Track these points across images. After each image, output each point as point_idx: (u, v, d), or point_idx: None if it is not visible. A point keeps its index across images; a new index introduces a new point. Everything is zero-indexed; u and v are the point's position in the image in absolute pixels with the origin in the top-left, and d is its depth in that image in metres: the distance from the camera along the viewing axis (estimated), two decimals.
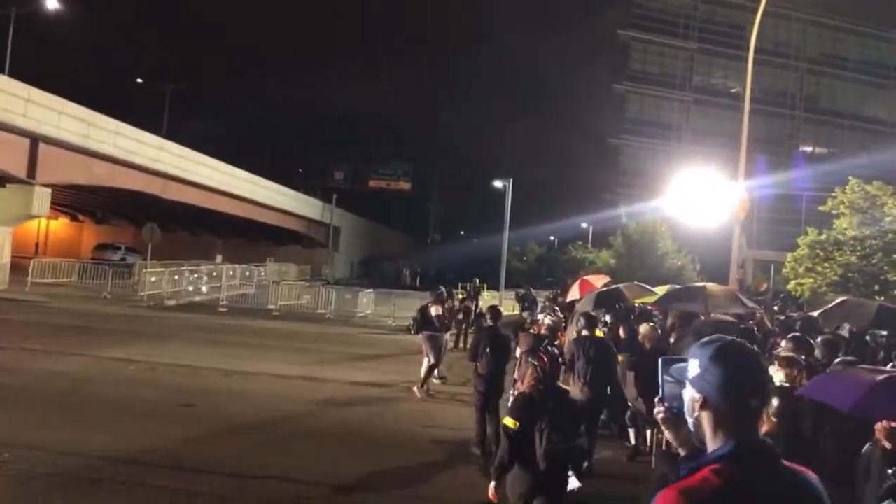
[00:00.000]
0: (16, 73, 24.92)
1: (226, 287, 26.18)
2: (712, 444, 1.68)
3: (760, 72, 29.15)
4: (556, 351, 6.99)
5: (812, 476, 1.69)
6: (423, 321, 11.52)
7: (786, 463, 1.67)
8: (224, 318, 20.56)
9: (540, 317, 10.76)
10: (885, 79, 46.55)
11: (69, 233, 50.33)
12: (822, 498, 1.66)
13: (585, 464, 5.34)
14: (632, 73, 46.62)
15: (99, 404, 8.78)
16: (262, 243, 48.93)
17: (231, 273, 29.63)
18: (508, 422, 4.50)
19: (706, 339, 1.81)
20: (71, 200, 40.32)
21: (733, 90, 42.15)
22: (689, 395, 1.76)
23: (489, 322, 8.71)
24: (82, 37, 60.72)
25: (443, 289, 13.51)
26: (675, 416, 2.09)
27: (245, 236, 48.84)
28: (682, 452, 1.96)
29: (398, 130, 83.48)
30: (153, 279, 24.41)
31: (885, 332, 8.49)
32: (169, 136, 36.03)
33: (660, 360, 2.31)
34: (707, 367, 1.70)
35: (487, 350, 7.99)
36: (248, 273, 32.82)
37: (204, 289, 26.66)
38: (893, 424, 2.09)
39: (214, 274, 28.49)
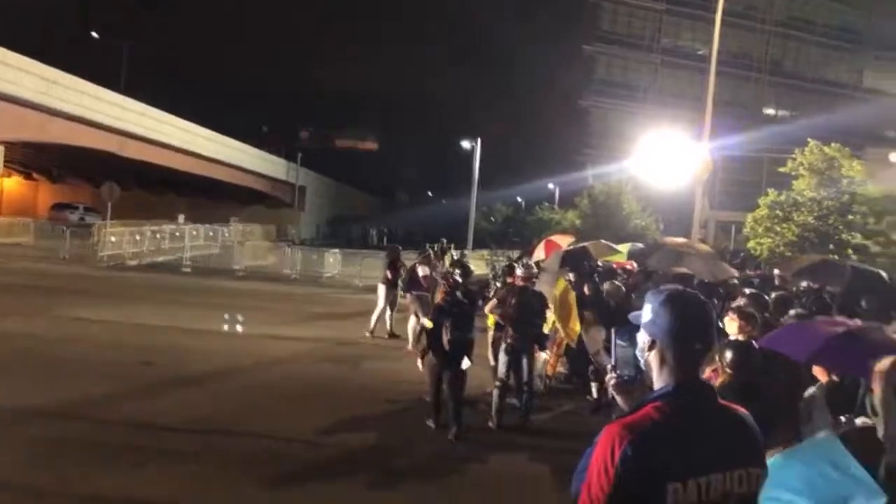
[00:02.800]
0: None
1: (189, 247, 25.78)
2: (658, 383, 1.79)
3: (728, 34, 29.23)
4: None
5: (745, 413, 1.81)
6: (410, 281, 11.58)
7: (722, 401, 1.80)
8: (188, 279, 20.31)
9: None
10: (848, 42, 47.15)
11: (23, 192, 48.76)
12: (754, 432, 1.78)
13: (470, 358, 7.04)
14: (600, 34, 46.33)
15: (60, 364, 8.65)
16: (225, 203, 48.11)
17: (194, 233, 29.13)
18: (427, 323, 7.10)
19: (660, 288, 1.91)
20: (25, 158, 39.00)
21: (700, 52, 42.28)
22: (642, 338, 1.87)
23: (458, 279, 8.71)
24: None
25: (430, 248, 13.52)
26: (626, 383, 2.21)
27: (208, 196, 47.94)
28: None
29: (365, 90, 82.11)
30: (113, 239, 23.89)
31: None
32: (128, 95, 34.92)
33: (612, 329, 2.40)
34: (657, 312, 1.81)
35: (455, 309, 8.03)
36: (211, 233, 32.31)
37: (166, 248, 26.23)
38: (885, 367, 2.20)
39: (177, 234, 27.99)
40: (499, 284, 11.34)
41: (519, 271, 8.11)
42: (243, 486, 5.32)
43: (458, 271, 8.49)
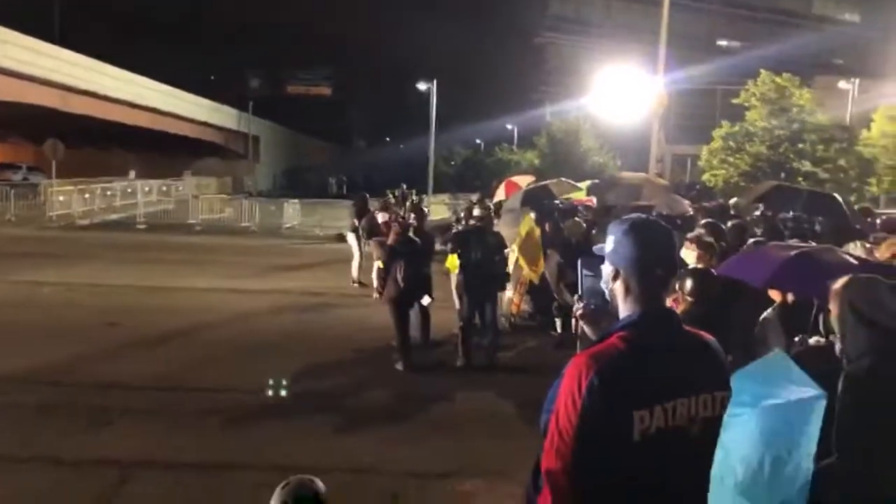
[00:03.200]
0: None
1: (142, 203, 25.08)
2: (623, 312, 1.80)
3: None
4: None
5: (710, 338, 1.83)
6: (370, 228, 11.43)
7: (687, 328, 1.81)
8: (143, 235, 19.81)
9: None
10: None
11: None
12: (718, 356, 1.81)
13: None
14: None
15: (16, 329, 8.42)
16: (178, 157, 46.74)
17: (147, 189, 28.28)
18: (380, 263, 7.70)
19: (622, 217, 1.89)
20: None
21: None
22: (606, 268, 1.86)
23: (413, 222, 8.66)
24: None
25: (389, 194, 13.33)
26: (593, 312, 2.21)
27: (159, 150, 46.45)
28: None
29: (315, 32, 79.40)
30: (62, 198, 23.06)
31: (791, 215, 9.04)
32: (66, 46, 33.15)
33: (579, 260, 2.39)
34: (619, 241, 1.80)
35: (410, 251, 8.03)
36: (165, 188, 31.44)
37: (118, 206, 25.45)
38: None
39: (129, 190, 27.17)
40: (460, 227, 11.34)
41: (476, 212, 8.11)
42: (210, 438, 5.31)
43: (412, 215, 8.55)
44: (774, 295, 3.80)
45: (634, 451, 1.61)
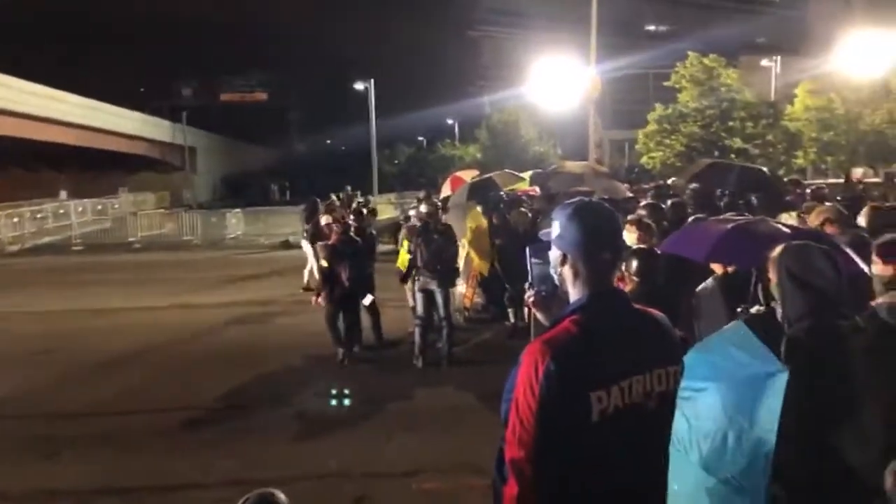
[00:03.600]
0: None
1: (77, 224, 24.14)
2: (573, 296, 1.81)
3: None
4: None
5: (660, 314, 1.86)
6: (314, 233, 11.27)
7: (636, 306, 1.84)
8: (80, 257, 19.09)
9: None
10: None
11: None
12: (669, 331, 1.85)
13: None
14: None
15: None
16: (111, 173, 45.16)
17: (81, 209, 27.20)
18: (324, 262, 7.58)
19: (567, 202, 1.90)
20: None
21: None
22: (553, 254, 1.87)
23: (354, 223, 8.66)
24: None
25: (333, 197, 13.19)
26: (544, 299, 2.22)
27: (91, 167, 44.80)
28: None
29: (246, 37, 77.83)
30: None
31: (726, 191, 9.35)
32: None
33: (527, 248, 2.40)
34: (565, 226, 1.81)
35: (354, 251, 8.00)
36: (100, 207, 30.31)
37: (51, 228, 24.44)
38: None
39: (62, 211, 26.08)
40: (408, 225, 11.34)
41: (422, 208, 8.12)
42: (165, 459, 5.16)
43: (352, 217, 8.61)
44: (717, 268, 3.92)
45: (594, 431, 1.63)
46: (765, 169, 10.35)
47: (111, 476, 4.90)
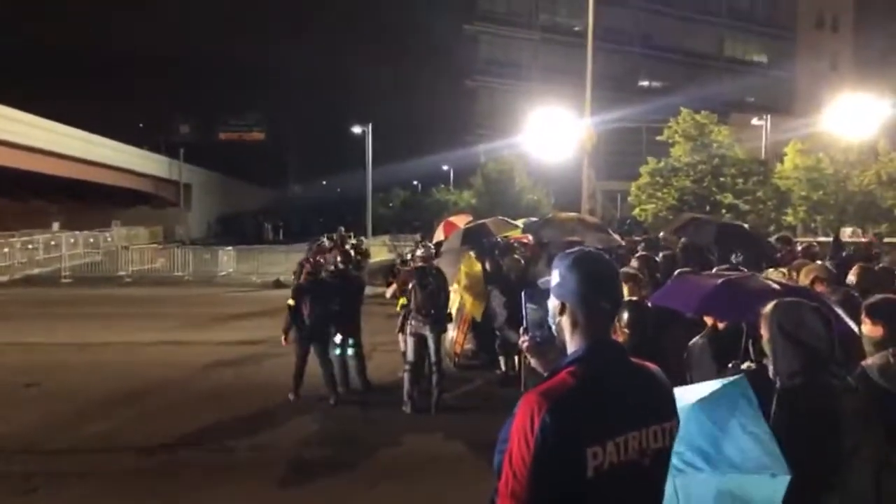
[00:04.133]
0: None
1: (67, 256, 24.02)
2: (571, 346, 1.79)
3: (601, 11, 30.51)
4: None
5: (656, 368, 1.85)
6: (298, 272, 11.23)
7: (633, 359, 1.82)
8: (69, 290, 18.94)
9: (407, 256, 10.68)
10: (709, 15, 50.22)
11: None
12: (665, 386, 1.83)
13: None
14: (481, 13, 46.95)
15: None
16: (105, 206, 45.16)
17: (72, 241, 27.11)
18: (290, 301, 7.65)
19: (567, 251, 1.91)
20: None
21: (576, 28, 43.73)
22: (552, 303, 1.86)
23: (340, 265, 8.59)
24: None
25: (324, 238, 13.19)
26: (539, 345, 2.20)
27: (84, 200, 44.80)
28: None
29: (247, 78, 78.98)
30: None
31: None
32: None
33: (522, 292, 2.41)
34: (565, 275, 1.80)
35: (342, 291, 8.01)
36: (92, 239, 30.19)
37: (41, 259, 24.30)
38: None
39: (53, 243, 25.97)
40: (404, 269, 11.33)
41: (418, 252, 8.13)
42: (147, 499, 5.04)
43: (339, 257, 8.61)
44: (708, 321, 3.95)
45: (588, 487, 1.60)
46: (745, 225, 10.46)
47: None
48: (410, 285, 7.53)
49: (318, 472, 5.65)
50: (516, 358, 8.61)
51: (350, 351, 7.97)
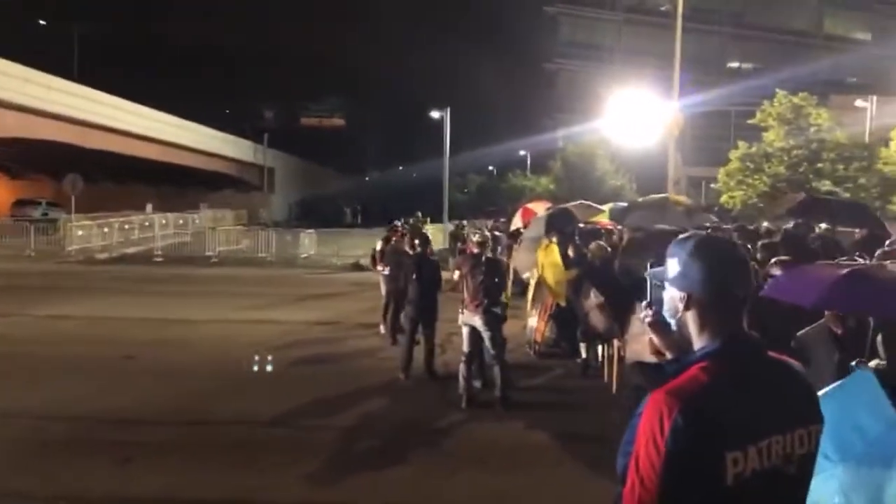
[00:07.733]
0: None
1: (159, 236, 25.25)
2: (699, 342, 1.60)
3: None
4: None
5: (796, 363, 1.64)
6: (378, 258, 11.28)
7: (772, 353, 1.61)
8: (160, 268, 19.87)
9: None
10: None
11: None
12: (806, 383, 1.63)
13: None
14: None
15: (38, 364, 8.32)
16: (194, 189, 47.14)
17: (164, 222, 28.50)
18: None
19: (682, 236, 1.72)
20: None
21: (663, 8, 42.11)
22: (671, 295, 1.67)
23: (418, 248, 8.49)
24: None
25: (397, 223, 13.17)
26: (663, 323, 2.00)
27: (176, 183, 46.88)
28: (668, 356, 1.90)
29: (326, 64, 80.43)
30: (80, 233, 23.27)
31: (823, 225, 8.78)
32: (82, 83, 33.82)
33: (648, 265, 2.22)
34: (687, 263, 1.61)
35: (415, 276, 7.90)
36: (181, 221, 31.65)
37: (136, 239, 25.64)
38: None
39: (146, 224, 27.38)
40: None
41: (474, 237, 7.78)
42: (228, 474, 5.15)
43: (417, 241, 8.47)
44: (831, 319, 3.61)
45: (727, 497, 1.42)
46: (866, 205, 9.71)
47: (180, 487, 4.93)
48: (462, 272, 7.19)
49: (402, 453, 5.62)
50: (599, 348, 8.35)
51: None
